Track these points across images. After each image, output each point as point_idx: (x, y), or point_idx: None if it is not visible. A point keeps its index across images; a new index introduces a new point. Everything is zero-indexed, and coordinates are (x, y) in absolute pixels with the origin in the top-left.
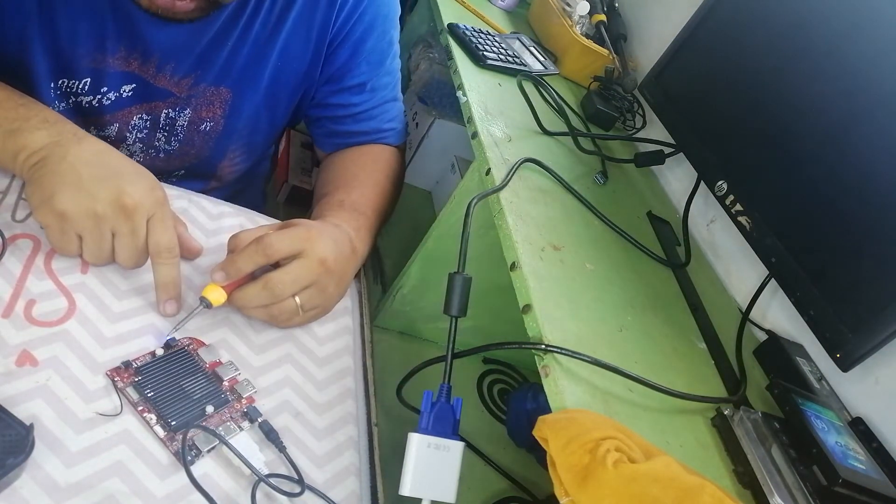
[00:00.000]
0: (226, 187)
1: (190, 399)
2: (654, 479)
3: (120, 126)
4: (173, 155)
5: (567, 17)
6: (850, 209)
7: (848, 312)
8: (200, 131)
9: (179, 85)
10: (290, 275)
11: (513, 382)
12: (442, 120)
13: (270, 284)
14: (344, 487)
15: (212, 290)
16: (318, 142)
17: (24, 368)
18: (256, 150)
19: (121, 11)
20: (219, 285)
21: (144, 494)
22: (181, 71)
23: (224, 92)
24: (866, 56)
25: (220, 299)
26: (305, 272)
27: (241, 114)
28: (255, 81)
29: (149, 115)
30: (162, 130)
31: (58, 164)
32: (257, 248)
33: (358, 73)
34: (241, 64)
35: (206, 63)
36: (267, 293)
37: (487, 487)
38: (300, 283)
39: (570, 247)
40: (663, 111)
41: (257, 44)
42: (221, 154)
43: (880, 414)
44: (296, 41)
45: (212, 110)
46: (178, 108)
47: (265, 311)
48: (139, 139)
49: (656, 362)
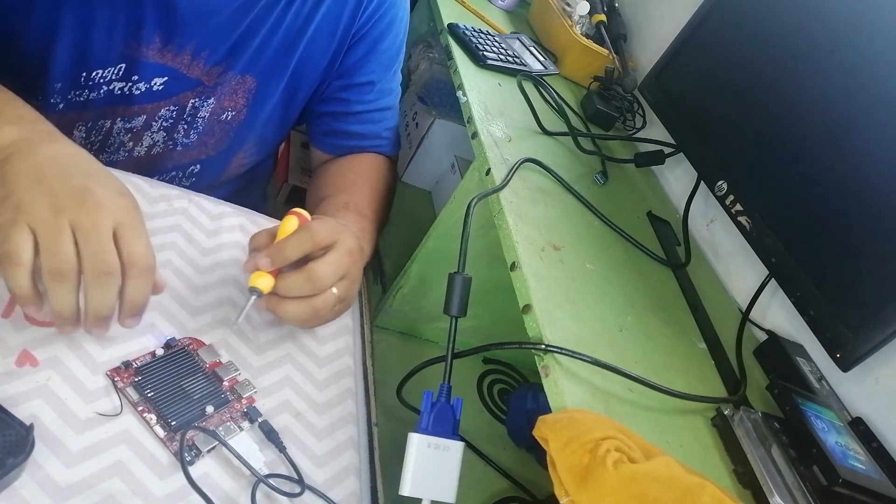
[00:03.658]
0: (232, 182)
1: (190, 399)
2: (654, 479)
3: (147, 117)
4: (191, 147)
5: (567, 17)
6: (851, 209)
7: (848, 312)
8: (221, 121)
9: (209, 73)
10: (331, 265)
11: (513, 382)
12: (442, 120)
13: (314, 275)
14: (344, 487)
15: (259, 278)
16: (316, 140)
17: (25, 368)
18: (266, 145)
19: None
20: (266, 272)
21: (144, 494)
22: (213, 59)
23: (249, 81)
24: (866, 56)
25: (269, 285)
26: (339, 262)
27: (263, 104)
28: (281, 72)
29: (176, 107)
30: (184, 121)
31: (22, 162)
32: (305, 236)
33: (368, 70)
34: (271, 54)
35: (237, 51)
36: (310, 283)
37: (487, 487)
38: (338, 273)
39: (570, 247)
40: (663, 111)
41: (288, 34)
42: (237, 148)
43: (880, 414)
44: (322, 35)
45: (234, 100)
46: (203, 96)
47: (308, 304)
48: (163, 128)
49: (656, 362)
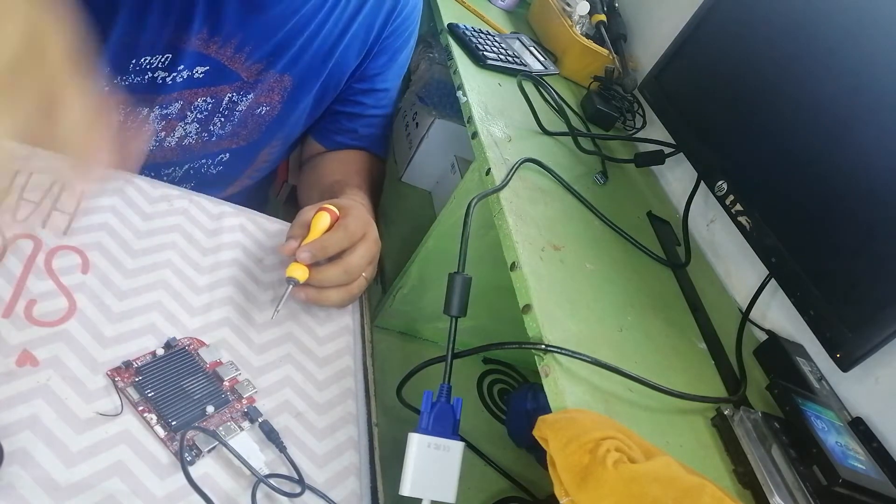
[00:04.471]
0: (252, 177)
1: (190, 399)
2: (654, 479)
3: (183, 105)
4: (224, 137)
5: (567, 17)
6: (851, 209)
7: (848, 312)
8: (255, 114)
9: (250, 70)
10: (363, 258)
11: (513, 382)
12: (442, 120)
13: (349, 267)
14: (344, 487)
15: (296, 269)
16: (320, 135)
17: (25, 368)
18: (290, 143)
19: None
20: (304, 264)
21: (145, 494)
22: (255, 56)
23: (286, 80)
24: (866, 55)
25: (304, 275)
26: (369, 252)
27: (296, 103)
28: (317, 74)
29: (213, 98)
30: (221, 114)
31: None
32: (344, 235)
33: (387, 78)
34: (310, 56)
35: (280, 50)
36: (346, 275)
37: (487, 487)
38: (368, 261)
39: (570, 247)
40: (663, 111)
41: (329, 38)
42: (266, 142)
43: (880, 414)
44: (356, 41)
45: (270, 96)
46: (242, 92)
47: (346, 291)
48: (197, 120)
49: (656, 362)
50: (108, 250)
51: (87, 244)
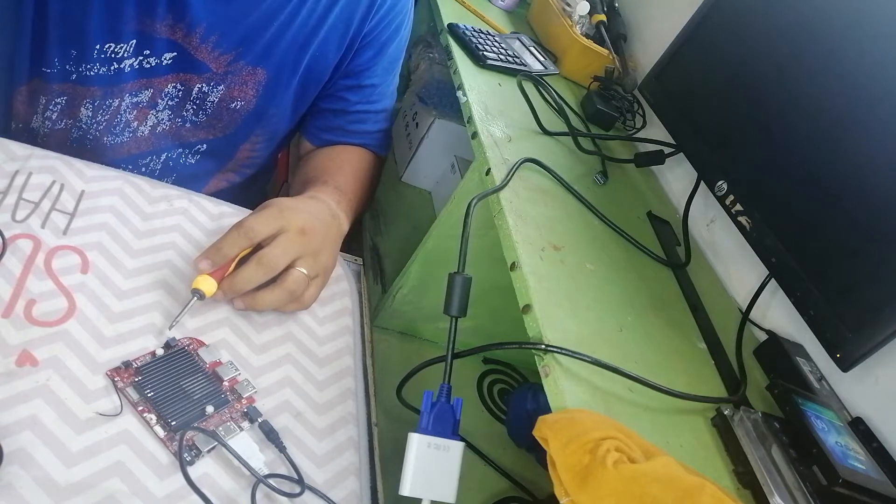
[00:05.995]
0: (238, 172)
1: (190, 399)
2: (654, 479)
3: (153, 92)
4: (199, 126)
5: (567, 17)
6: (851, 209)
7: (848, 312)
8: (230, 109)
9: (218, 61)
10: (278, 248)
11: (513, 382)
12: (442, 120)
13: (264, 260)
14: (344, 487)
15: (202, 281)
16: (309, 133)
17: (24, 368)
18: (276, 139)
19: None
20: (207, 274)
21: (144, 494)
22: (223, 46)
23: (260, 73)
24: (866, 55)
25: (212, 288)
26: (290, 243)
27: (272, 97)
28: (293, 68)
29: (182, 86)
30: (192, 103)
31: None
32: (239, 232)
33: (374, 73)
34: (283, 48)
35: (248, 41)
36: (262, 268)
37: (487, 487)
38: (290, 253)
39: (570, 247)
40: (663, 111)
41: (302, 30)
42: (245, 136)
43: (880, 414)
44: (335, 35)
45: (244, 90)
46: (212, 83)
47: (279, 288)
48: (169, 107)
49: (656, 362)
50: (107, 250)
51: (87, 244)
